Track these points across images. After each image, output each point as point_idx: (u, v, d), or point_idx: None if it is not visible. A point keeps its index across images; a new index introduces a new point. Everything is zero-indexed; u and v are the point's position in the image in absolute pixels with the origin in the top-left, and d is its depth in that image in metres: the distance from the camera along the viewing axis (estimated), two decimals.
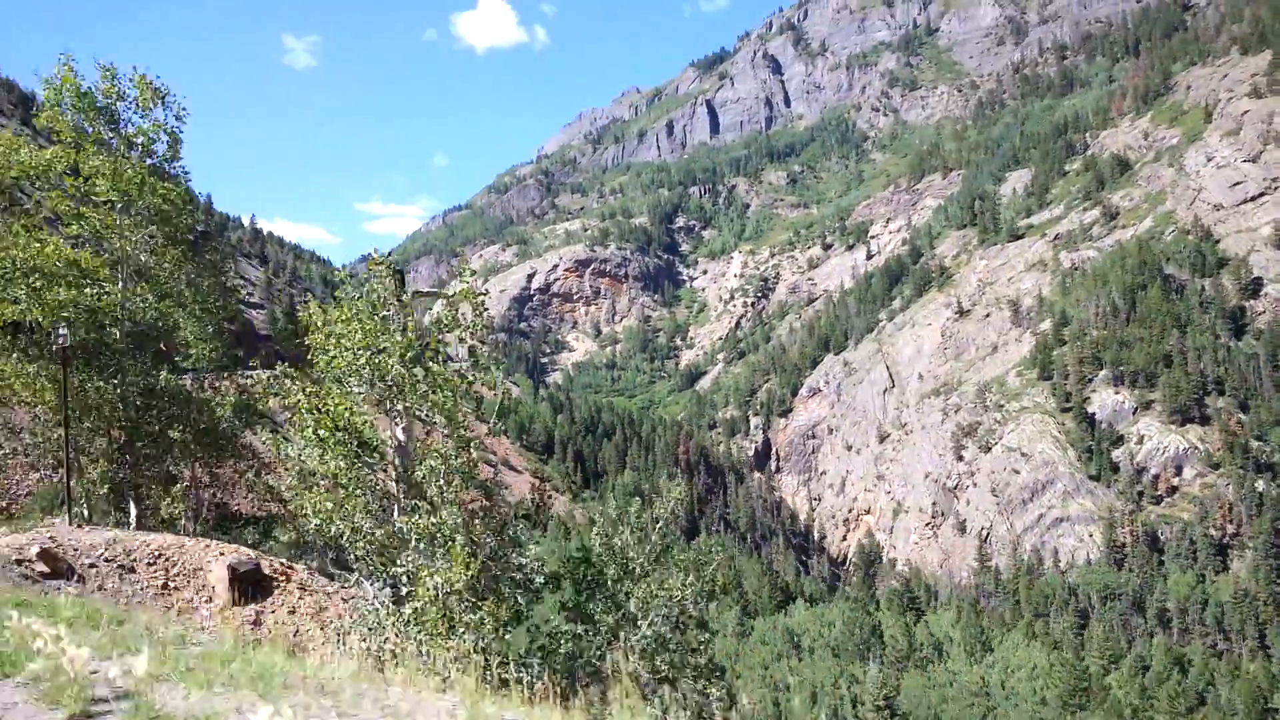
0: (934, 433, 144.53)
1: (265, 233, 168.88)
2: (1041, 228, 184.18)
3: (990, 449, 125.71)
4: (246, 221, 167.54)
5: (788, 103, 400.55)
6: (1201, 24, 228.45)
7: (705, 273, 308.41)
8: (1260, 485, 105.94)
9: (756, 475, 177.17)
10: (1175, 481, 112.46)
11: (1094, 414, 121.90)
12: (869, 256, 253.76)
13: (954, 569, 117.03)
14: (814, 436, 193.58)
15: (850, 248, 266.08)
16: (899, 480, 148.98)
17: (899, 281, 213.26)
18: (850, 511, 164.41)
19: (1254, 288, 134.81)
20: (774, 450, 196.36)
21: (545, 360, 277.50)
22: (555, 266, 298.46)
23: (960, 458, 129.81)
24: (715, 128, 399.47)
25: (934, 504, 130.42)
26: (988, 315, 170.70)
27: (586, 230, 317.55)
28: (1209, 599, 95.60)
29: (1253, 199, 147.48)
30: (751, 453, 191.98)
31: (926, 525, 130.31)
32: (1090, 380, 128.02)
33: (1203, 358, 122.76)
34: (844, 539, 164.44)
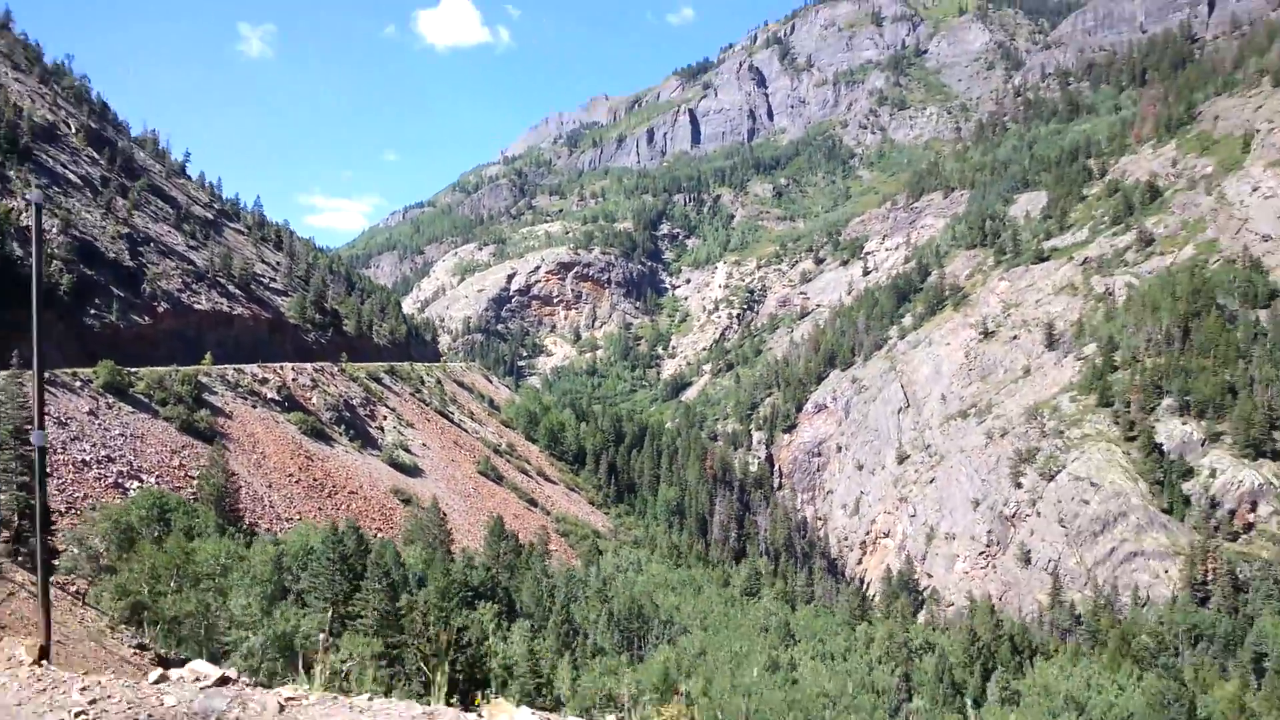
0: (975, 457, 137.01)
1: (270, 219, 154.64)
2: (1068, 251, 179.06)
3: (1054, 477, 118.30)
4: (250, 204, 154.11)
5: (771, 116, 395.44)
6: (1215, 56, 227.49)
7: (689, 281, 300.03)
8: None
9: (780, 493, 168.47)
10: (1251, 518, 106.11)
11: (1161, 444, 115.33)
12: (866, 273, 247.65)
13: (1020, 602, 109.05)
14: (819, 454, 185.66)
15: (845, 263, 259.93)
16: (931, 504, 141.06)
17: (907, 299, 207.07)
18: (868, 534, 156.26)
19: None
20: (777, 466, 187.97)
21: (523, 363, 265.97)
22: (537, 268, 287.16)
23: (1019, 484, 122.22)
24: (697, 137, 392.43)
25: (989, 532, 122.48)
26: (1015, 337, 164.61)
27: (568, 233, 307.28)
28: None
29: None
30: (754, 468, 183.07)
31: (980, 554, 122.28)
32: (1154, 409, 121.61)
33: (1269, 390, 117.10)
34: (859, 563, 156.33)
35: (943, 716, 49.50)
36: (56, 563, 43.94)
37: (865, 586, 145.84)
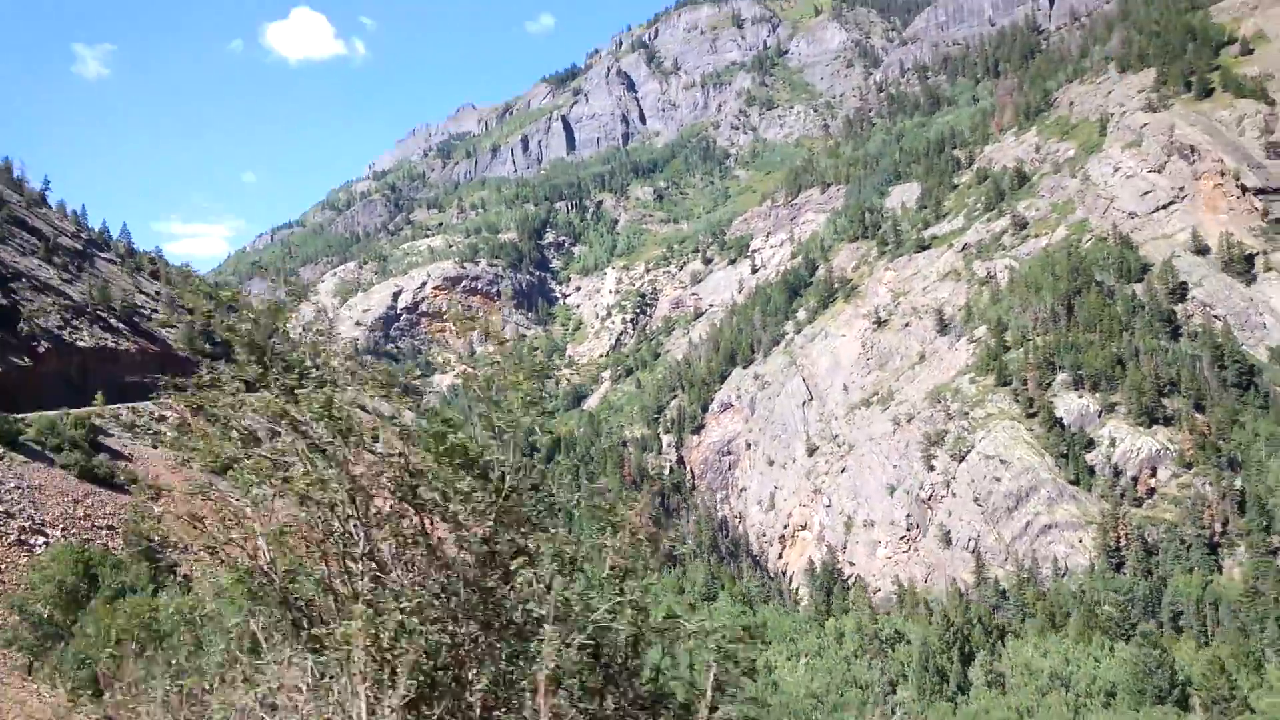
0: (885, 443, 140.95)
1: (138, 248, 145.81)
2: (947, 238, 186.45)
3: (964, 457, 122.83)
4: (116, 231, 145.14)
5: (644, 120, 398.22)
6: (1060, 46, 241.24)
7: (579, 289, 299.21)
8: (1239, 483, 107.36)
9: (696, 494, 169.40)
10: (1152, 483, 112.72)
11: (1061, 418, 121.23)
12: (754, 270, 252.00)
13: (946, 582, 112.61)
14: (729, 453, 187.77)
15: (733, 262, 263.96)
16: (846, 493, 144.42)
17: (798, 294, 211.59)
18: (786, 528, 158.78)
19: (1180, 292, 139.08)
20: (688, 467, 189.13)
21: (417, 383, 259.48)
22: (423, 284, 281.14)
23: (931, 467, 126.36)
24: (572, 143, 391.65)
25: (908, 516, 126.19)
26: (907, 325, 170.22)
27: (451, 247, 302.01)
28: (1219, 598, 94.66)
29: (1163, 207, 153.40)
30: (667, 471, 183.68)
31: (901, 539, 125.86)
32: (1050, 385, 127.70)
33: (1154, 360, 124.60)
34: (779, 557, 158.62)
35: (932, 705, 50.53)
36: None
37: (790, 580, 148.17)
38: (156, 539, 41.92)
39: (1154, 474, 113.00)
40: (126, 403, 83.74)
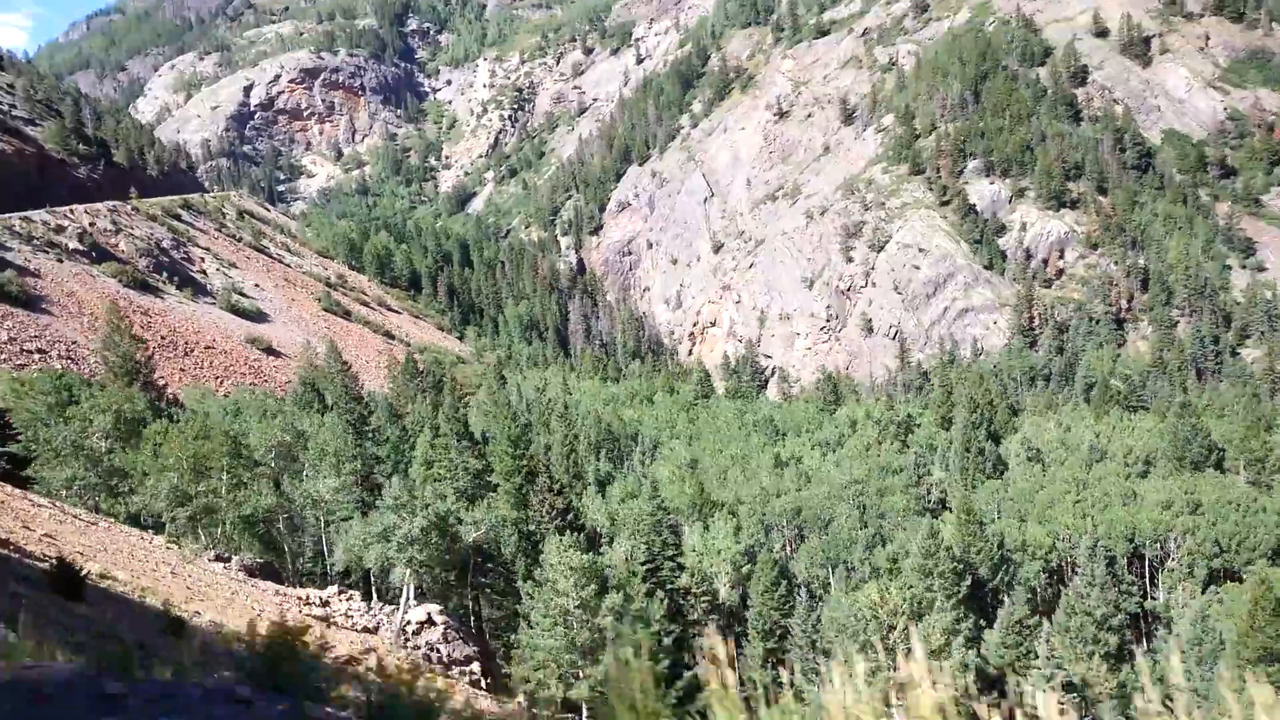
0: (797, 237, 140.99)
1: None
2: (846, 23, 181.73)
3: (883, 247, 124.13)
4: None
5: None
6: None
7: (449, 83, 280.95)
8: (1142, 261, 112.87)
9: (610, 295, 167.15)
10: (1061, 264, 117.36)
11: (974, 204, 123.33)
12: (639, 60, 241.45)
13: (870, 369, 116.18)
14: (630, 253, 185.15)
15: (616, 52, 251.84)
16: (758, 288, 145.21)
17: (692, 85, 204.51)
18: (695, 325, 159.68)
19: (1081, 75, 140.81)
20: (589, 269, 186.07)
21: (282, 188, 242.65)
22: (277, 78, 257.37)
23: (850, 259, 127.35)
24: None
25: (828, 308, 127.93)
26: (810, 115, 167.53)
27: (303, 34, 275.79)
28: (1131, 371, 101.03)
29: None
30: (570, 273, 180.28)
31: (821, 330, 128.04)
32: (961, 172, 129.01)
33: (1060, 144, 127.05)
34: (690, 353, 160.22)
35: (977, 485, 51.92)
36: (31, 474, 34.57)
37: (706, 376, 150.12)
38: (141, 359, 36.15)
39: (1062, 255, 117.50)
40: (17, 212, 73.83)
